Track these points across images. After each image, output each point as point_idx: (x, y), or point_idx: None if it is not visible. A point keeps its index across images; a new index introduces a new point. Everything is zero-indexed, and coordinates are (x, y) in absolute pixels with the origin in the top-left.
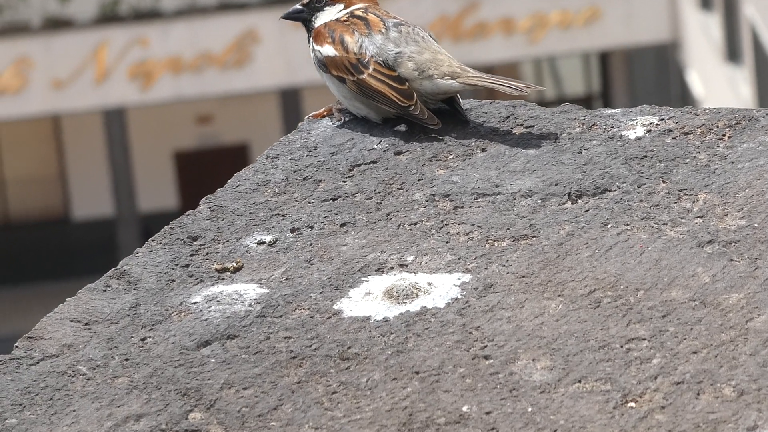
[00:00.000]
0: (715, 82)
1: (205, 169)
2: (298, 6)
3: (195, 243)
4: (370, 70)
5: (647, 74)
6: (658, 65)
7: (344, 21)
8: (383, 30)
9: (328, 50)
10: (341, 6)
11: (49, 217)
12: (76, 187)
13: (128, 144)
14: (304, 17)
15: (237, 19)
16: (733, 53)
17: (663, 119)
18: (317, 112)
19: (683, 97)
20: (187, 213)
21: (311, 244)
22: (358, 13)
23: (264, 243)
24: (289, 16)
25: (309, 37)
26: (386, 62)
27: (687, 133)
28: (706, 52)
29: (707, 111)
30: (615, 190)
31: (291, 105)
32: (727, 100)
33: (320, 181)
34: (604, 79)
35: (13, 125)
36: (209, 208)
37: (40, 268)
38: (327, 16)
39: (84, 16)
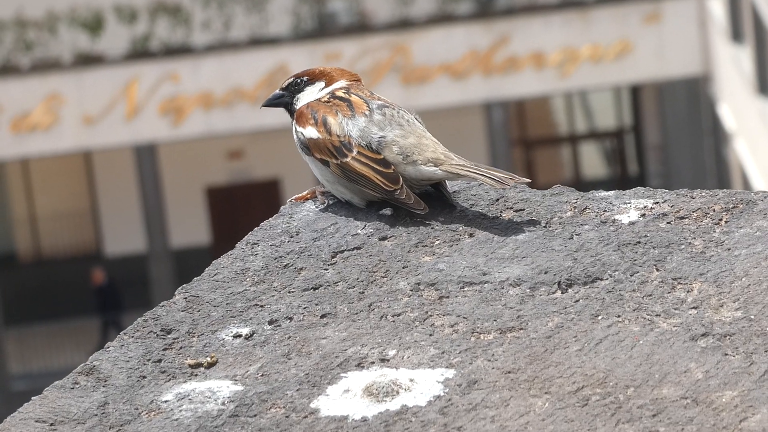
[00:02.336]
0: (747, 116)
1: (237, 205)
2: (277, 91)
3: (168, 336)
4: (354, 153)
5: (678, 108)
6: (690, 98)
7: (327, 102)
8: (367, 112)
9: (311, 132)
10: (322, 84)
11: (81, 252)
12: (107, 223)
13: (159, 179)
14: (285, 101)
15: (268, 54)
16: (764, 86)
17: (658, 202)
18: (300, 195)
19: (715, 131)
20: (162, 304)
21: (289, 337)
22: (340, 93)
23: (240, 336)
24: (269, 103)
25: (292, 120)
26: (369, 146)
27: (682, 218)
28: (738, 85)
29: (703, 194)
30: (607, 279)
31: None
32: (760, 134)
33: (301, 269)
34: (635, 113)
35: (45, 161)
36: (185, 298)
37: (73, 305)
38: (308, 96)
39: (115, 51)
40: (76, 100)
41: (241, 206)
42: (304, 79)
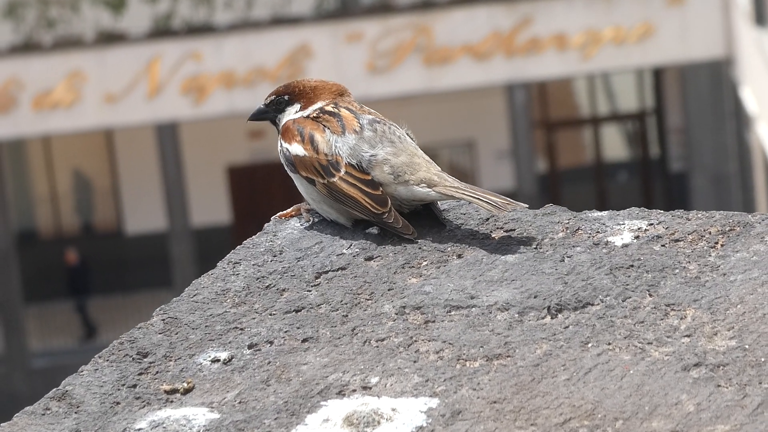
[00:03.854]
0: None
1: (258, 184)
2: (261, 105)
3: (144, 360)
4: (342, 173)
5: (701, 90)
6: (712, 81)
7: (315, 117)
8: (357, 128)
9: (296, 149)
10: (298, 107)
11: (103, 230)
12: (129, 201)
13: (181, 158)
14: (269, 117)
15: (290, 33)
16: None
17: (652, 224)
18: (285, 212)
19: (737, 114)
20: (139, 326)
21: (269, 363)
22: (329, 108)
23: (219, 360)
24: (255, 118)
25: (278, 134)
26: (359, 165)
27: (677, 240)
28: (761, 68)
29: (699, 216)
30: (598, 304)
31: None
32: None
33: (284, 290)
34: (657, 95)
35: (67, 139)
36: (163, 320)
37: (94, 282)
38: (289, 115)
39: (137, 30)
40: (98, 77)
41: (262, 186)
42: (285, 98)
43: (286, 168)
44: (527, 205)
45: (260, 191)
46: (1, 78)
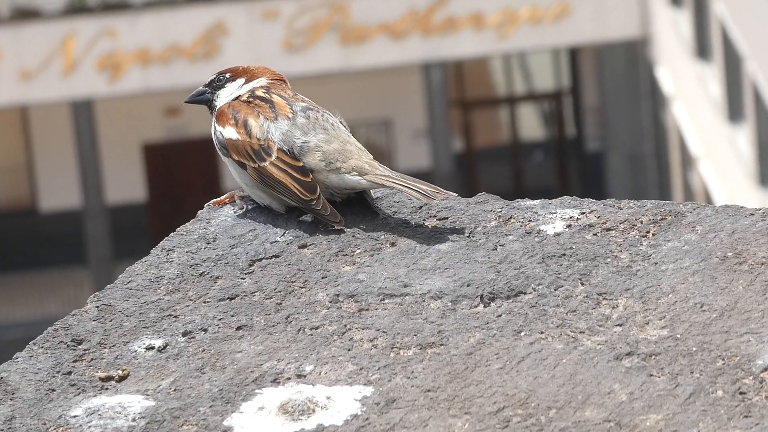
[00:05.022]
0: (685, 79)
1: (174, 162)
2: (201, 87)
3: (79, 347)
4: (273, 158)
5: (617, 70)
6: (628, 61)
7: (248, 101)
8: (290, 115)
9: (230, 133)
10: (242, 80)
11: (16, 207)
12: (43, 178)
13: (96, 136)
14: (207, 98)
15: (206, 11)
16: (702, 50)
17: (584, 213)
18: (218, 199)
19: (653, 94)
20: (73, 313)
21: (204, 350)
22: (260, 93)
23: (153, 348)
24: (192, 99)
25: (212, 118)
26: (291, 151)
27: (609, 229)
28: (676, 48)
29: (631, 204)
30: (530, 293)
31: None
32: (697, 97)
33: (217, 278)
34: (573, 75)
35: None
36: (97, 307)
37: (7, 259)
38: (228, 92)
39: (52, 6)
40: (13, 54)
41: (178, 163)
42: (226, 75)
43: (218, 152)
44: (456, 194)
45: (176, 169)
46: None
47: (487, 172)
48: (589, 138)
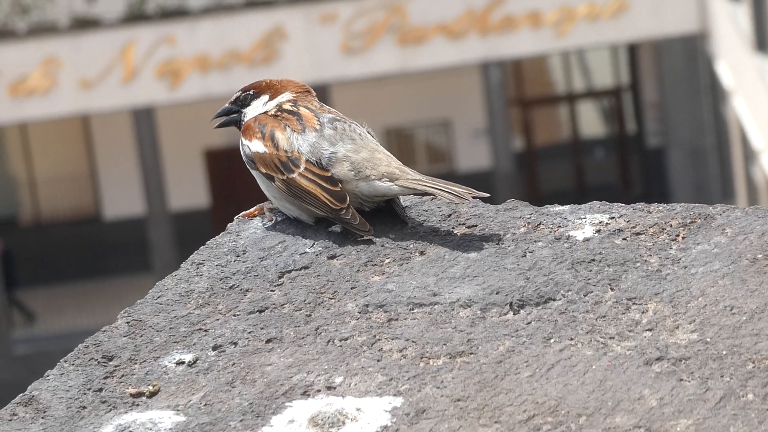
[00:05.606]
0: (745, 73)
1: (235, 167)
2: (226, 105)
3: (110, 363)
4: (302, 168)
5: (676, 65)
6: (687, 56)
7: (275, 115)
8: (317, 126)
9: (257, 146)
10: (266, 97)
11: (81, 216)
12: (106, 186)
13: (158, 142)
14: (235, 120)
15: (264, 16)
16: (762, 43)
17: (614, 217)
18: (248, 211)
19: (713, 88)
20: (104, 329)
21: (234, 364)
22: (287, 106)
23: (183, 363)
24: (221, 124)
25: (240, 133)
26: (319, 162)
27: (638, 234)
28: (735, 42)
29: (660, 208)
30: (560, 299)
31: (321, 101)
32: (757, 91)
33: (247, 291)
34: (632, 71)
35: (43, 126)
36: (127, 323)
37: (72, 268)
38: (254, 109)
39: (111, 15)
40: (73, 63)
41: (239, 168)
42: (251, 92)
43: (247, 165)
44: (488, 194)
45: (237, 174)
46: None
47: (548, 170)
48: (649, 134)
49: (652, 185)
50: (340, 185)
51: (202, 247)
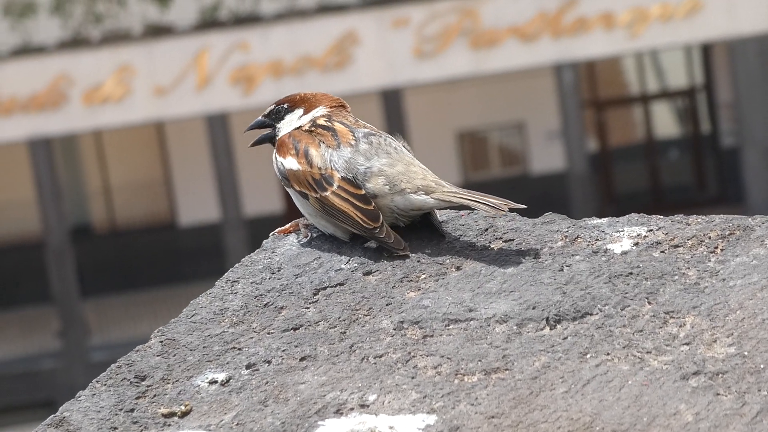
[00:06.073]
0: None
1: None
2: (260, 117)
3: (142, 383)
4: (335, 187)
5: (750, 65)
6: (762, 55)
7: (309, 131)
8: (353, 142)
9: (291, 163)
10: (300, 111)
11: (156, 223)
12: (181, 193)
13: (232, 148)
14: (270, 136)
15: (336, 20)
16: None
17: (652, 230)
18: (283, 228)
19: None
20: (137, 348)
21: (267, 383)
22: (322, 122)
23: (216, 382)
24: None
25: (273, 149)
26: (355, 178)
27: (677, 246)
28: None
29: (699, 220)
30: (596, 314)
31: (393, 105)
32: None
33: (282, 308)
34: (706, 71)
35: (118, 133)
36: (161, 342)
37: (148, 274)
38: (289, 123)
39: (184, 22)
40: (147, 71)
41: None
42: (285, 106)
43: (281, 182)
44: (525, 206)
45: None
46: (51, 74)
47: (623, 171)
48: (724, 134)
49: (727, 185)
50: (373, 204)
51: (237, 265)
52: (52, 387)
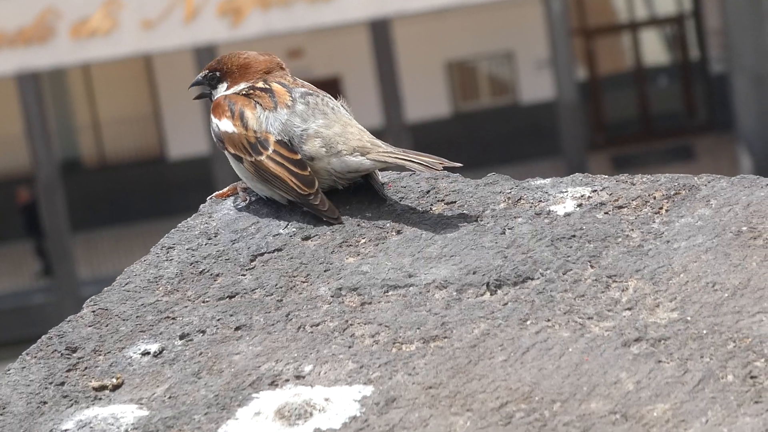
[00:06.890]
0: None
1: None
2: (198, 77)
3: (73, 355)
4: (270, 151)
5: None
6: None
7: (246, 93)
8: (289, 102)
9: (226, 125)
10: (225, 86)
11: (145, 156)
12: (170, 126)
13: None
14: (206, 94)
15: None
16: None
17: (596, 190)
18: (221, 191)
19: None
20: (68, 319)
21: (201, 354)
22: (260, 84)
23: (149, 353)
24: (195, 85)
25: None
26: (291, 141)
27: (621, 207)
28: None
29: (644, 180)
30: (538, 278)
31: (381, 36)
32: None
33: (218, 275)
34: None
35: (105, 67)
36: (93, 311)
37: (138, 208)
38: (220, 91)
39: None
40: (135, 3)
41: None
42: (216, 74)
43: (217, 145)
44: (460, 164)
45: None
46: (38, 8)
47: (612, 99)
48: (713, 60)
49: (717, 112)
50: (309, 169)
51: (172, 230)
52: (44, 321)
